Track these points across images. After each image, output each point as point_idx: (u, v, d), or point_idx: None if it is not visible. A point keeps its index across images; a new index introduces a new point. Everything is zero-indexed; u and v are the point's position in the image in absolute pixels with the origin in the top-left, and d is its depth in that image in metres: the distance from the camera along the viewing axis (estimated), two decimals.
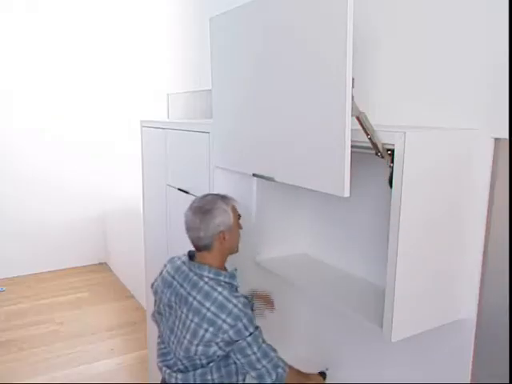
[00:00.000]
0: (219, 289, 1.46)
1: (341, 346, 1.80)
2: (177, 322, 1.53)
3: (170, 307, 1.57)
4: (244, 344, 1.43)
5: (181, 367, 1.52)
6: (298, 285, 1.76)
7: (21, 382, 2.98)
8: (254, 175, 1.56)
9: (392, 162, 1.13)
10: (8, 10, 4.44)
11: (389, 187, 1.16)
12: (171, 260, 1.67)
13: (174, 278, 1.58)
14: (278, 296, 1.92)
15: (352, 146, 1.21)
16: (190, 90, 3.01)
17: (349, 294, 1.52)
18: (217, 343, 1.42)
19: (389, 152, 1.15)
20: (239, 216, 1.60)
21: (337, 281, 1.63)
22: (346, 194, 1.19)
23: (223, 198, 1.56)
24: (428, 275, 1.20)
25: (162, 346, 1.62)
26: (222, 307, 1.42)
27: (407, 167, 1.08)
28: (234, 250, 1.62)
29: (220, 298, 1.44)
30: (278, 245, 1.89)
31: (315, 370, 1.70)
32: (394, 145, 1.10)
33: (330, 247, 1.79)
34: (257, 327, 1.47)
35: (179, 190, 2.19)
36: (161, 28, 3.46)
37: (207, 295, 1.45)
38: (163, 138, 2.37)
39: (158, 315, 1.67)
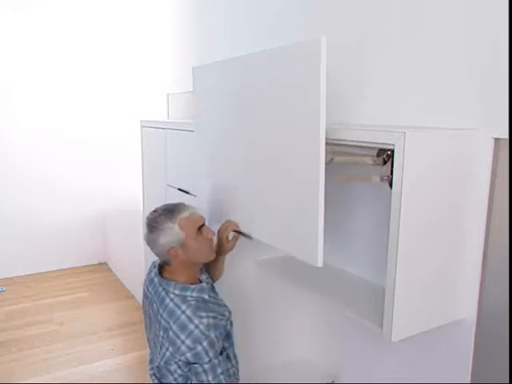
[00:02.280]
0: (183, 307, 1.41)
1: (340, 346, 1.80)
2: (153, 336, 1.51)
3: (150, 318, 1.56)
4: (200, 370, 1.38)
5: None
6: (298, 285, 1.76)
7: (21, 382, 2.98)
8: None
9: (391, 167, 1.13)
10: (8, 7, 4.44)
11: (388, 187, 1.16)
12: (150, 267, 1.63)
13: (148, 289, 1.56)
14: (278, 296, 1.92)
15: (352, 146, 1.21)
16: (189, 90, 3.01)
17: (349, 293, 1.52)
18: (176, 362, 1.39)
19: (388, 152, 1.15)
20: (203, 223, 1.52)
21: (337, 280, 1.63)
22: (320, 263, 1.20)
23: (170, 212, 1.47)
24: (428, 275, 1.20)
25: (150, 353, 1.60)
26: (182, 327, 1.38)
27: (407, 167, 1.08)
28: (201, 259, 1.55)
29: (182, 317, 1.39)
30: None
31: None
32: (393, 145, 1.10)
33: (330, 247, 1.79)
34: (221, 353, 1.42)
35: (179, 190, 2.20)
36: (161, 28, 3.45)
37: (171, 313, 1.41)
38: (163, 138, 2.37)
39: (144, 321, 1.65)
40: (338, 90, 1.70)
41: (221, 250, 1.67)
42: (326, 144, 1.15)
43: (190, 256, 1.50)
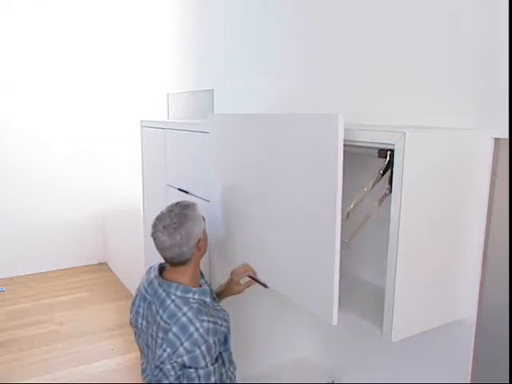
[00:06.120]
0: (185, 309, 1.40)
1: (341, 346, 1.80)
2: (150, 339, 1.49)
3: (147, 321, 1.53)
4: (194, 375, 1.37)
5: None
6: None
7: (21, 382, 2.98)
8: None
9: (391, 175, 1.13)
10: (8, 7, 4.44)
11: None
12: (149, 270, 1.63)
13: (146, 291, 1.54)
14: (278, 295, 1.91)
15: (354, 146, 1.21)
16: (189, 90, 3.01)
17: (349, 293, 1.52)
18: (171, 363, 1.38)
19: (389, 152, 1.15)
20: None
21: None
22: (334, 322, 1.21)
23: (191, 205, 1.51)
24: (428, 275, 1.20)
25: (142, 361, 1.59)
26: (183, 329, 1.37)
27: (407, 167, 1.08)
28: (205, 252, 1.58)
29: (183, 319, 1.38)
30: None
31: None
32: (393, 145, 1.10)
33: None
34: (216, 359, 1.41)
35: (179, 190, 2.19)
36: (161, 28, 3.46)
37: (172, 315, 1.40)
38: (163, 138, 2.37)
39: (134, 328, 1.63)
40: (339, 90, 1.70)
41: (228, 291, 1.67)
42: None
43: (205, 247, 1.53)
